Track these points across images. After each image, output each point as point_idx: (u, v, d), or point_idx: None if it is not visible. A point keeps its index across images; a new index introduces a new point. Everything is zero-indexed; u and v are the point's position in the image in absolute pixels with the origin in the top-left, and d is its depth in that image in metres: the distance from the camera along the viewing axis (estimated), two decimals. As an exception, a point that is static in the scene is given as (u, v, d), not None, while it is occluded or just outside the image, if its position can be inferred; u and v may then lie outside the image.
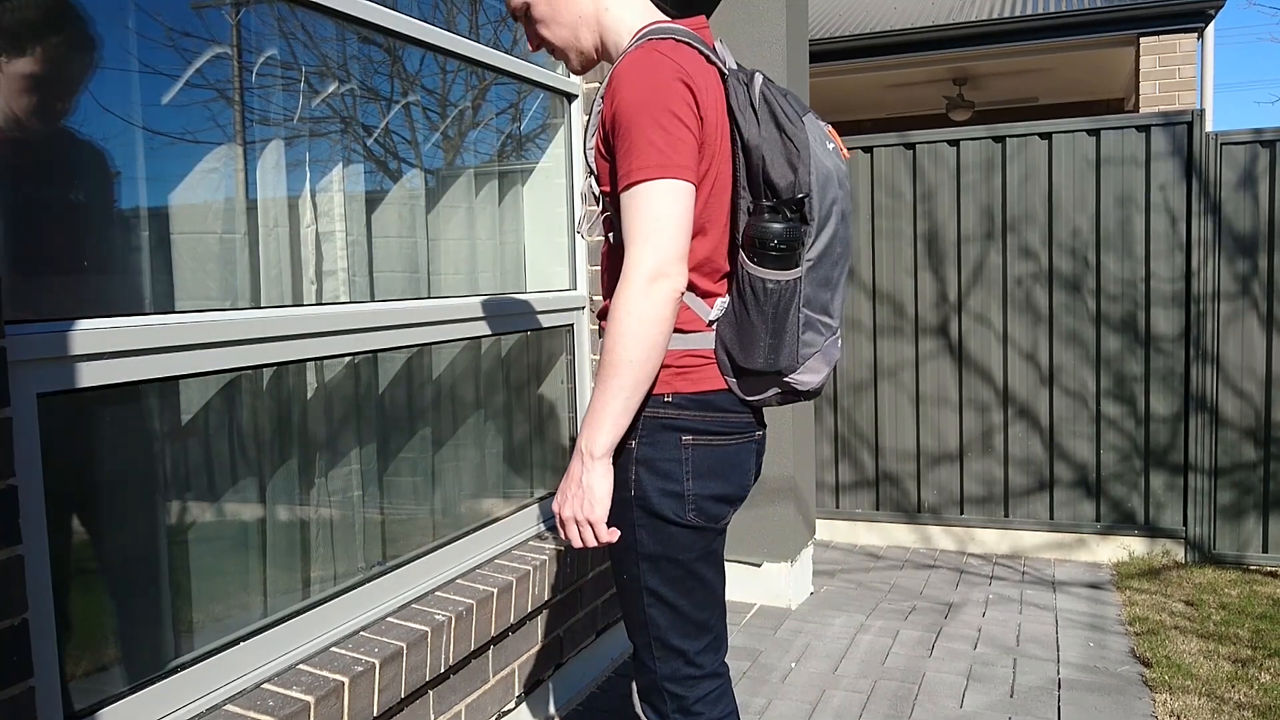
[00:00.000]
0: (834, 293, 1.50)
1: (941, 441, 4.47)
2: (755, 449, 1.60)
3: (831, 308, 1.50)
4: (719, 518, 1.54)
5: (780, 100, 1.45)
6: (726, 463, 1.53)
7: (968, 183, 4.36)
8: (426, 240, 2.45)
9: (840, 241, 1.48)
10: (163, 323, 1.66)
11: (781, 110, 1.44)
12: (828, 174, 1.43)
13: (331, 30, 2.10)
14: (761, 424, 1.62)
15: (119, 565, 1.62)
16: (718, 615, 1.61)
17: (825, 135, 1.47)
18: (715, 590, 1.59)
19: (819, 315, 1.48)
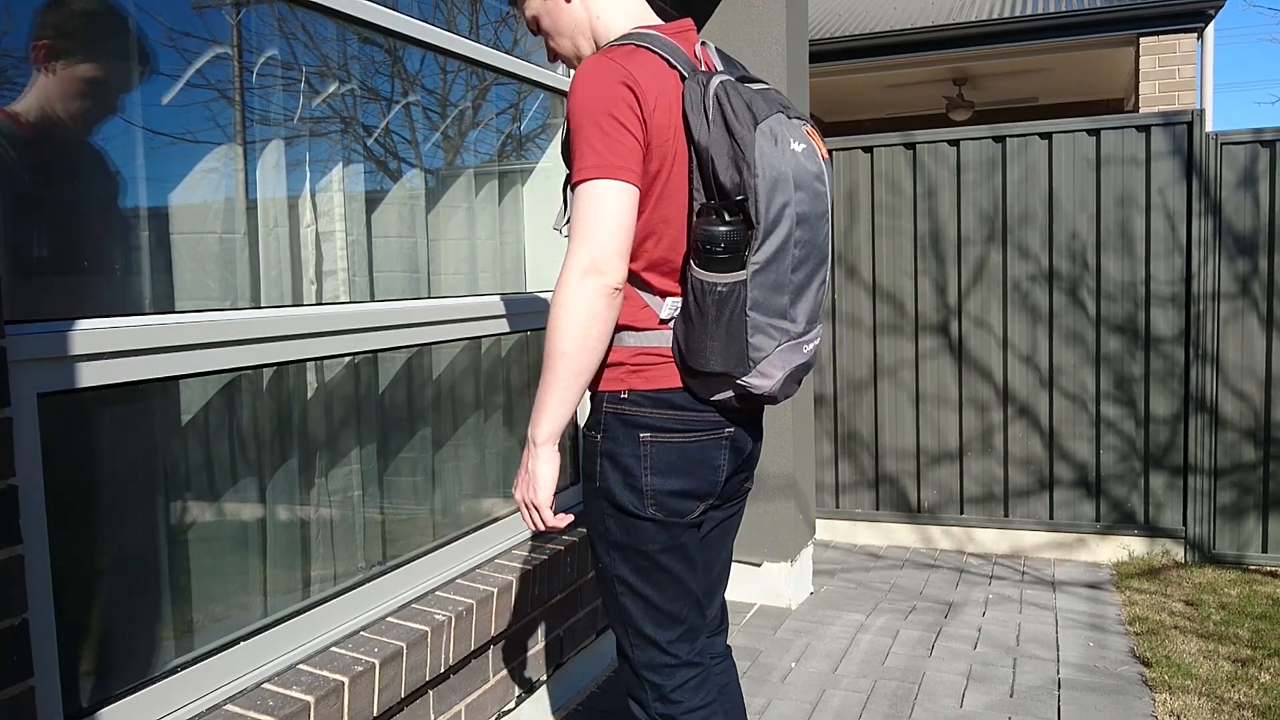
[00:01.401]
0: (795, 297, 1.47)
1: (942, 441, 4.47)
2: (727, 445, 1.58)
3: (792, 312, 1.47)
4: (682, 512, 1.55)
5: (733, 101, 1.42)
6: (689, 459, 1.54)
7: (968, 182, 4.36)
8: (426, 240, 2.45)
9: (800, 245, 1.45)
10: (163, 323, 1.66)
11: (733, 111, 1.42)
12: (778, 176, 1.40)
13: (331, 30, 2.10)
14: (736, 422, 1.59)
15: (119, 565, 1.62)
16: (690, 607, 1.62)
17: (795, 136, 1.44)
18: (685, 582, 1.60)
19: (771, 319, 1.45)
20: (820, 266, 1.51)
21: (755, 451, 1.70)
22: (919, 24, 7.87)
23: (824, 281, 1.53)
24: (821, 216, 1.48)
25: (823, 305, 1.57)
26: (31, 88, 1.50)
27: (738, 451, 1.61)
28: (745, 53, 3.59)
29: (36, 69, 1.50)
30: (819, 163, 1.48)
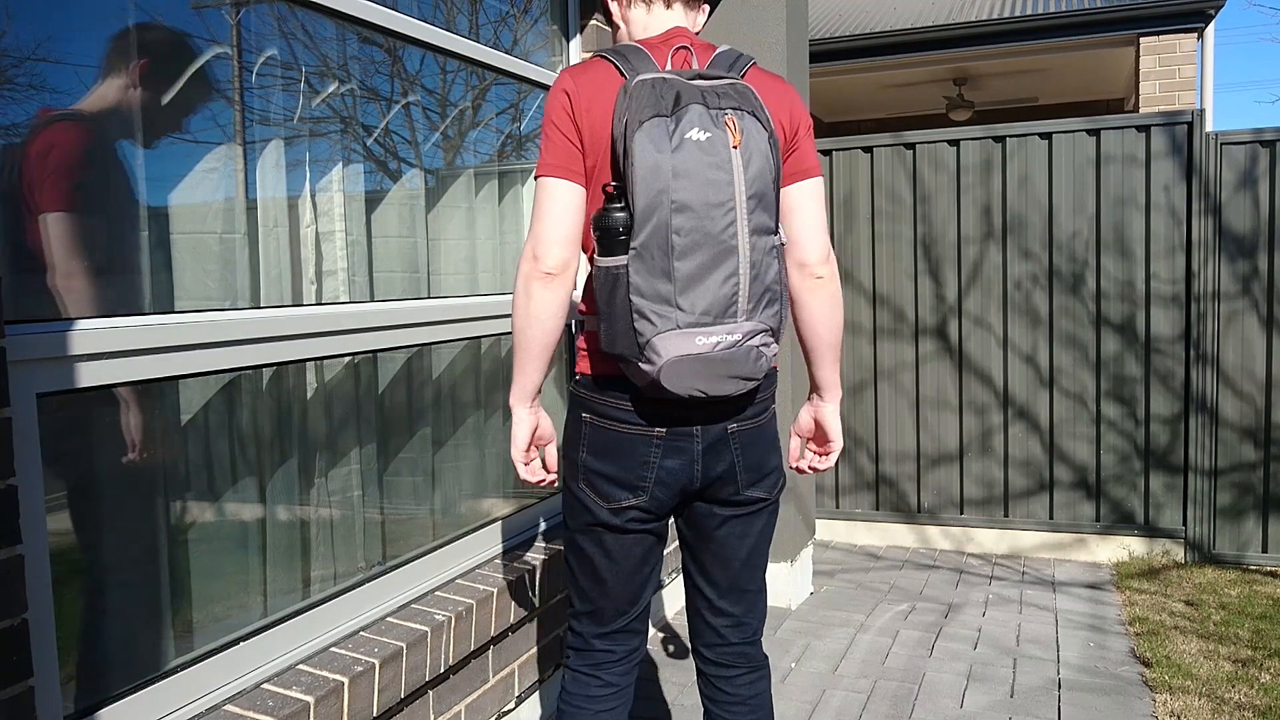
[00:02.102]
0: (686, 285, 1.46)
1: (941, 442, 4.47)
2: (659, 446, 1.60)
3: (681, 300, 1.47)
4: (609, 497, 1.63)
5: (635, 98, 1.47)
6: (619, 448, 1.62)
7: (967, 183, 4.36)
8: (426, 240, 2.45)
9: (683, 233, 1.45)
10: (163, 323, 1.66)
11: (629, 106, 1.48)
12: (654, 165, 1.43)
13: (331, 30, 2.10)
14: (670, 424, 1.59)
15: (119, 565, 1.62)
16: (599, 592, 1.73)
17: (702, 126, 1.45)
18: (596, 569, 1.71)
19: (654, 305, 1.47)
20: (723, 259, 1.47)
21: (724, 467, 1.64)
22: (919, 24, 7.87)
23: (733, 274, 1.47)
24: (718, 206, 1.45)
25: (738, 301, 1.49)
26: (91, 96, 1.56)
27: (679, 452, 1.61)
28: (745, 53, 3.59)
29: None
30: (723, 151, 1.45)
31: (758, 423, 1.67)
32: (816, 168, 1.68)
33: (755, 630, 1.80)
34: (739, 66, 1.64)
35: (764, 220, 1.50)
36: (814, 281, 1.67)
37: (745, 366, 1.52)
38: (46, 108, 1.52)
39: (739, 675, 1.79)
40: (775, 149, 1.52)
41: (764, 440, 1.69)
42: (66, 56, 1.55)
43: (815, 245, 1.66)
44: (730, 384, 1.53)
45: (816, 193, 1.68)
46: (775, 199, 1.52)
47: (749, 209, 1.47)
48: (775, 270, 1.53)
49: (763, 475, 1.69)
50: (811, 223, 1.66)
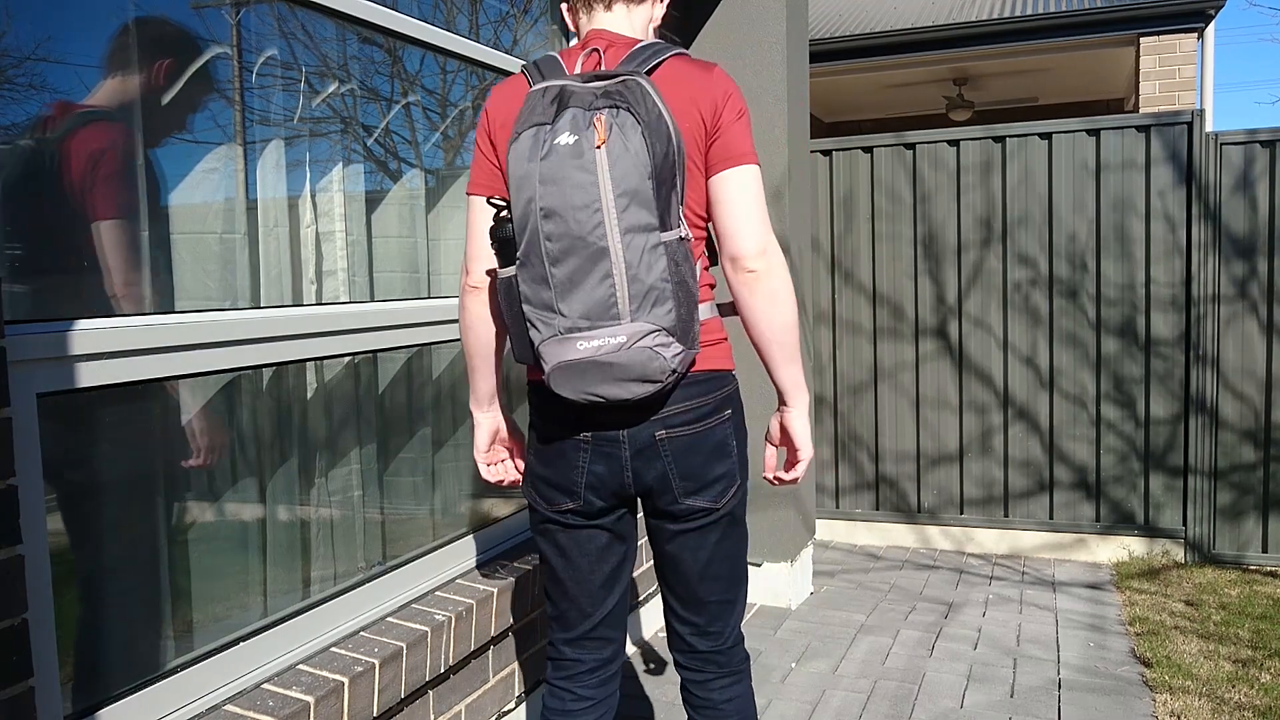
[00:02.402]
0: (563, 291, 1.46)
1: (941, 443, 4.47)
2: (586, 450, 1.60)
3: (561, 306, 1.46)
4: (549, 500, 1.67)
5: (526, 107, 1.49)
6: (553, 452, 1.64)
7: (967, 183, 4.36)
8: (426, 240, 2.45)
9: (554, 239, 1.44)
10: (163, 323, 1.66)
11: (519, 117, 1.49)
12: (523, 175, 1.45)
13: (331, 30, 2.10)
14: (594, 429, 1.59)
15: (119, 565, 1.62)
16: (561, 596, 1.75)
17: (571, 129, 1.44)
18: (556, 570, 1.73)
19: (540, 312, 1.48)
20: (596, 261, 1.44)
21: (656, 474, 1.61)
22: (919, 24, 7.87)
23: (607, 276, 1.43)
24: (583, 208, 1.42)
25: (617, 303, 1.45)
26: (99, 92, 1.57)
27: (608, 458, 1.60)
28: (745, 53, 3.59)
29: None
30: (588, 153, 1.42)
31: (694, 429, 1.60)
32: (746, 156, 1.58)
33: (725, 638, 1.76)
34: (651, 60, 1.58)
35: (641, 217, 1.43)
36: (746, 276, 1.58)
37: (638, 369, 1.46)
38: (63, 101, 1.52)
39: (711, 680, 1.77)
40: (665, 141, 1.45)
41: (704, 447, 1.61)
42: (66, 56, 1.55)
43: (745, 238, 1.57)
44: (624, 388, 1.47)
45: (746, 182, 1.58)
46: (661, 193, 1.45)
47: (619, 208, 1.42)
48: (662, 268, 1.45)
49: (704, 484, 1.62)
50: (741, 214, 1.57)
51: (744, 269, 1.57)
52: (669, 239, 1.47)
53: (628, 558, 1.76)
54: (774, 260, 1.58)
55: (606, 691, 1.80)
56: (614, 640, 1.79)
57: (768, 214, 1.61)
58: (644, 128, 1.43)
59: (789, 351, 1.64)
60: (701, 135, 1.57)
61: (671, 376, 1.48)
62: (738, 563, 1.74)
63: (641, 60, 1.58)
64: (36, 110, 1.50)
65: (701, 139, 1.58)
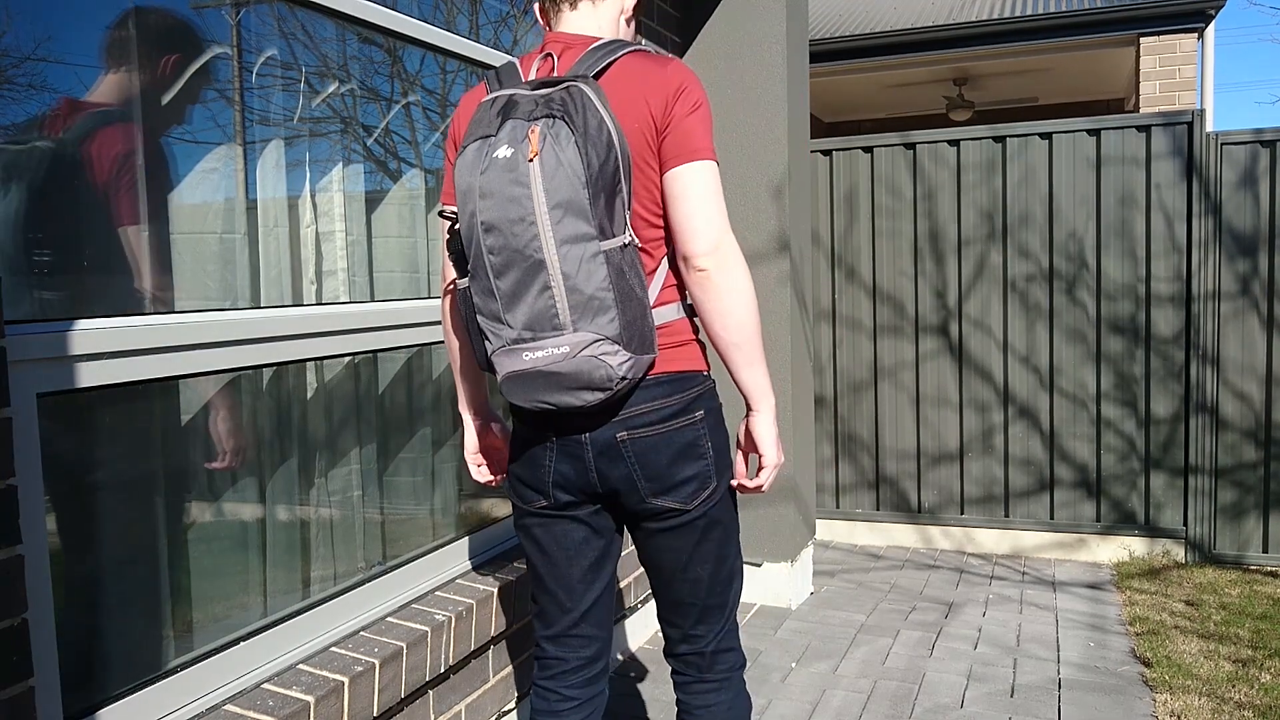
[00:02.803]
0: (509, 303, 1.47)
1: (941, 442, 4.47)
2: (552, 451, 1.61)
3: (507, 317, 1.48)
4: (521, 498, 1.70)
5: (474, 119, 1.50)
6: (526, 452, 1.67)
7: (968, 183, 4.36)
8: (426, 240, 2.45)
9: (495, 252, 1.45)
10: (163, 323, 1.66)
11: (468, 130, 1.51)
12: (466, 188, 1.46)
13: (331, 30, 2.10)
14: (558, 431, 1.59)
15: (119, 565, 1.62)
16: (541, 591, 1.76)
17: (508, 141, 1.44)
18: (536, 565, 1.74)
19: (490, 323, 1.51)
20: (535, 273, 1.44)
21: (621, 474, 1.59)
22: (919, 24, 7.87)
23: (546, 288, 1.44)
24: (519, 221, 1.43)
25: (557, 313, 1.45)
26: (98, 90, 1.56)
27: (573, 458, 1.60)
28: (745, 53, 3.59)
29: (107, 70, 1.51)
30: (521, 166, 1.42)
31: (657, 430, 1.58)
32: (699, 151, 1.54)
33: (707, 641, 1.74)
34: (604, 60, 1.56)
35: (578, 228, 1.43)
36: (698, 275, 1.54)
37: (584, 378, 1.46)
38: (70, 99, 1.52)
39: (690, 684, 1.77)
40: (605, 149, 1.44)
41: (669, 448, 1.58)
42: (66, 56, 1.55)
43: (696, 236, 1.53)
44: (574, 395, 1.48)
45: (697, 179, 1.53)
46: (599, 203, 1.44)
47: (554, 219, 1.42)
48: (602, 277, 1.44)
49: (671, 485, 1.60)
50: (690, 211, 1.53)
51: (695, 267, 1.55)
52: (609, 247, 1.46)
53: (608, 555, 1.74)
54: (727, 257, 1.54)
55: (592, 691, 1.80)
56: (596, 639, 1.78)
57: (723, 210, 1.56)
58: (579, 137, 1.42)
59: (747, 353, 1.59)
60: (652, 132, 1.54)
61: (621, 384, 1.48)
62: (721, 567, 1.70)
63: (593, 62, 1.56)
64: (36, 110, 1.50)
65: (652, 136, 1.55)
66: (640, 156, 1.54)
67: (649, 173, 1.56)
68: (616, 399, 1.54)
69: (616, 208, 1.48)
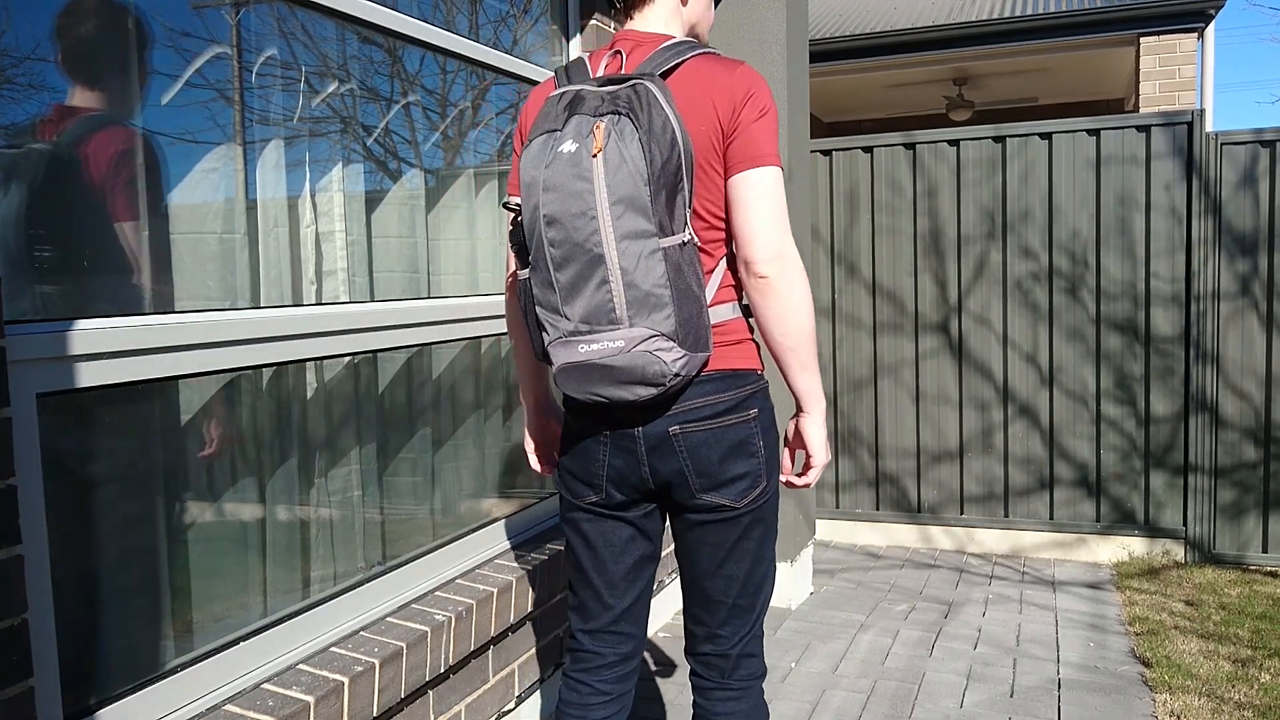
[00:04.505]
0: (567, 295, 1.49)
1: (942, 440, 4.47)
2: (605, 444, 1.63)
3: (565, 309, 1.50)
4: (571, 491, 1.71)
5: (541, 113, 1.54)
6: (576, 444, 1.68)
7: (968, 182, 4.36)
8: (426, 240, 2.45)
9: (555, 245, 1.48)
10: (163, 323, 1.66)
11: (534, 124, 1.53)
12: (530, 181, 1.49)
13: (331, 30, 2.10)
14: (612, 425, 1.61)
15: (119, 565, 1.62)
16: (584, 586, 1.77)
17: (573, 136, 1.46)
18: (580, 560, 1.75)
19: (548, 314, 1.54)
20: (594, 267, 1.46)
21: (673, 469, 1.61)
22: (919, 24, 7.87)
23: (604, 282, 1.46)
24: (580, 215, 1.45)
25: (614, 308, 1.47)
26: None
27: (626, 452, 1.62)
28: (745, 53, 3.59)
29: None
30: (585, 161, 1.44)
31: (709, 426, 1.59)
32: (765, 157, 1.55)
33: (732, 643, 1.72)
34: (672, 60, 1.58)
35: (638, 224, 1.44)
36: (758, 281, 1.56)
37: (638, 373, 1.48)
38: (59, 104, 1.52)
39: (712, 689, 1.75)
40: (669, 147, 1.45)
41: (721, 444, 1.59)
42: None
43: (757, 243, 1.54)
44: (627, 389, 1.50)
45: (761, 184, 1.54)
46: (659, 200, 1.45)
47: (614, 215, 1.44)
48: (660, 274, 1.46)
49: (722, 481, 1.61)
50: (752, 217, 1.54)
51: (755, 274, 1.56)
52: (669, 244, 1.47)
53: (652, 557, 1.77)
54: (788, 266, 1.55)
55: (624, 688, 1.81)
56: (633, 637, 1.80)
57: (785, 217, 1.57)
58: (643, 134, 1.44)
59: (801, 358, 1.61)
60: (718, 136, 1.55)
61: (675, 380, 1.49)
62: (757, 567, 1.69)
63: (661, 60, 1.58)
64: (36, 110, 1.50)
65: (718, 140, 1.55)
66: (704, 159, 1.55)
67: (713, 175, 1.57)
68: (670, 395, 1.56)
69: (677, 206, 1.49)
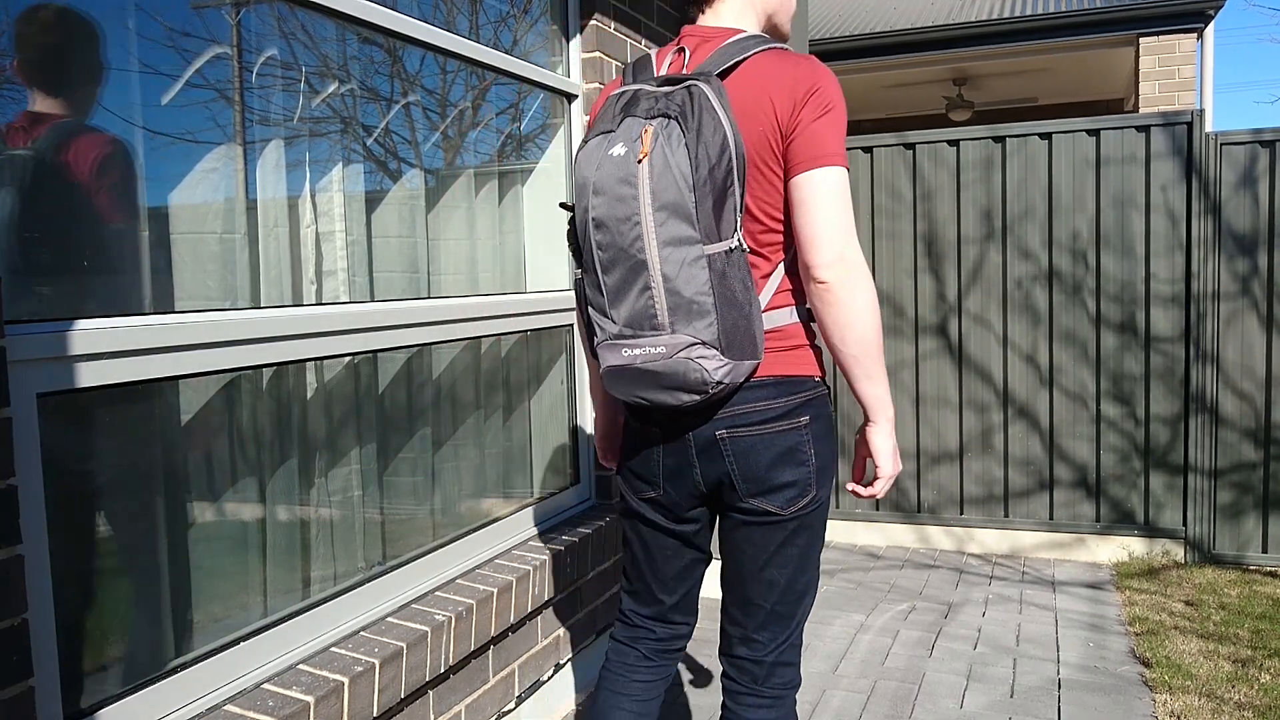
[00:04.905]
0: (614, 299, 1.50)
1: (941, 441, 4.47)
2: (660, 445, 1.65)
3: (611, 312, 1.51)
4: (633, 488, 1.73)
5: (598, 114, 1.55)
6: (637, 444, 1.69)
7: (967, 182, 4.36)
8: (426, 240, 2.45)
9: (602, 248, 1.48)
10: (163, 323, 1.66)
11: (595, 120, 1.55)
12: (581, 183, 1.51)
13: (331, 30, 2.10)
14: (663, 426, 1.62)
15: (119, 565, 1.62)
16: (636, 574, 1.80)
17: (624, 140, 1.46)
18: (635, 554, 1.79)
19: (597, 316, 1.54)
20: (638, 272, 1.45)
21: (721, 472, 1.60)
22: (919, 24, 7.87)
23: (647, 288, 1.45)
24: (625, 220, 1.44)
25: (656, 314, 1.46)
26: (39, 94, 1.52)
27: (678, 453, 1.62)
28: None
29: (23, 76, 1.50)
30: (631, 166, 1.43)
31: (759, 431, 1.56)
32: (827, 157, 1.49)
33: (768, 649, 1.68)
34: (735, 57, 1.55)
35: (681, 231, 1.43)
36: (818, 287, 1.51)
37: (680, 379, 1.47)
38: (61, 104, 1.52)
39: (744, 695, 1.70)
40: (719, 151, 1.44)
41: (769, 450, 1.57)
42: (66, 56, 1.54)
43: (818, 246, 1.49)
44: (670, 395, 1.49)
45: (823, 185, 1.48)
46: (705, 206, 1.44)
47: (657, 221, 1.43)
48: (703, 280, 1.44)
49: (769, 488, 1.58)
50: (814, 220, 1.49)
51: (815, 279, 1.50)
52: (714, 251, 1.45)
53: (702, 561, 1.80)
54: (850, 271, 1.49)
55: (670, 662, 1.84)
56: (685, 625, 1.83)
57: (849, 219, 1.50)
58: (691, 138, 1.42)
59: (865, 367, 1.55)
60: (776, 135, 1.51)
61: (717, 388, 1.47)
62: (799, 574, 1.66)
63: (722, 58, 1.55)
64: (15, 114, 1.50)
65: (777, 140, 1.52)
66: (761, 159, 1.52)
67: (770, 176, 1.53)
68: (718, 399, 1.54)
69: (726, 211, 1.47)
